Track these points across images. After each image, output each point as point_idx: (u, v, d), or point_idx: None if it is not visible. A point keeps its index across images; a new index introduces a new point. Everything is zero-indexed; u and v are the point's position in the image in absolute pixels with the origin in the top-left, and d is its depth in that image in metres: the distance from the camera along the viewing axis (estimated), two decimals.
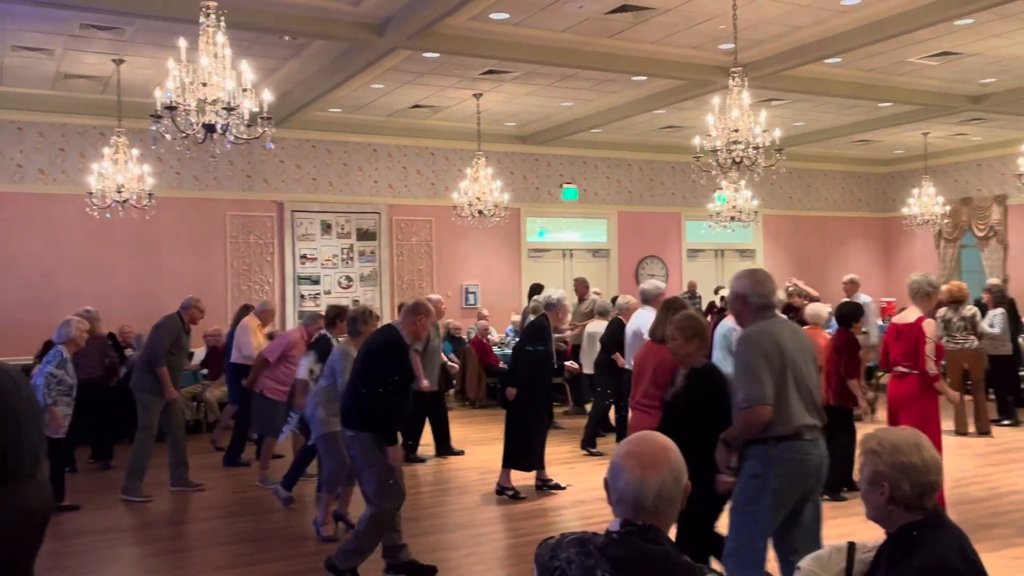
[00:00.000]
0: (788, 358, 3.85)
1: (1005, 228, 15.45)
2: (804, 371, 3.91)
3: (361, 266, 13.22)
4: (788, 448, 3.83)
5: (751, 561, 3.89)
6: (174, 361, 7.42)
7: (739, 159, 7.79)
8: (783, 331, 3.97)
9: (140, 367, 7.46)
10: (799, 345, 3.97)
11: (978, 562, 2.42)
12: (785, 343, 3.88)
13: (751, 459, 3.91)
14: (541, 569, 2.11)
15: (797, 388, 3.85)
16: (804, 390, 3.89)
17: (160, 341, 7.35)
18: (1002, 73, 10.77)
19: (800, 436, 3.85)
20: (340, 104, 11.81)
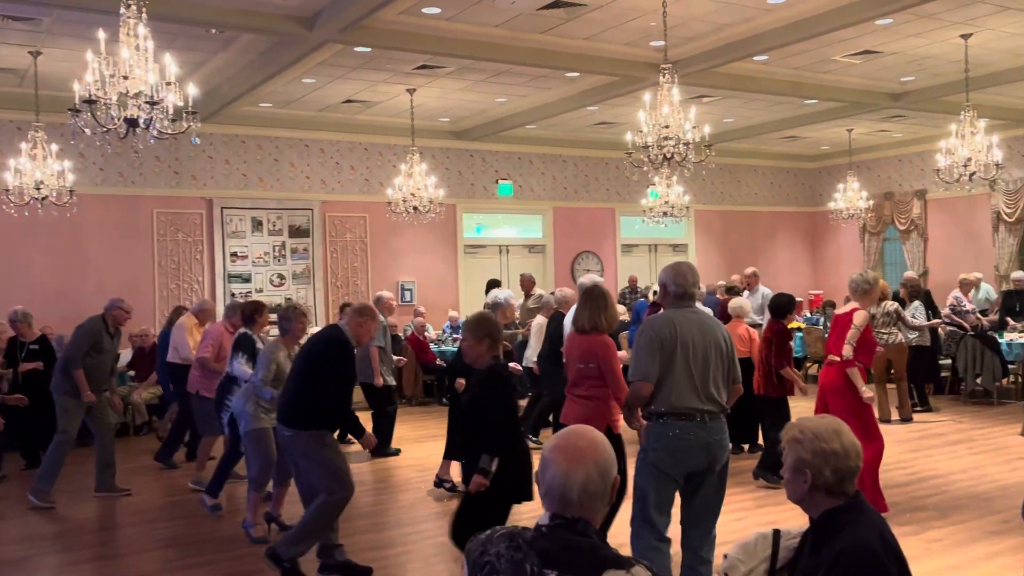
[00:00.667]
0: (682, 345, 4.10)
1: (925, 222, 16.00)
2: (701, 359, 4.13)
3: (294, 264, 13.02)
4: (666, 425, 4.11)
5: (640, 529, 4.20)
6: (95, 364, 7.17)
7: (670, 155, 7.90)
8: (687, 320, 4.19)
9: (58, 370, 7.23)
10: (703, 336, 4.17)
11: (896, 545, 2.50)
12: (684, 331, 4.12)
13: (646, 433, 4.21)
14: (472, 565, 2.11)
15: (687, 373, 4.10)
16: (696, 376, 4.11)
17: (77, 344, 7.12)
18: (920, 72, 11.13)
19: (680, 416, 4.10)
20: (270, 99, 11.61)
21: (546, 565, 1.98)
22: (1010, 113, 13.41)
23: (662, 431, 4.12)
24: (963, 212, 15.36)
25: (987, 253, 14.91)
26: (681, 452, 4.10)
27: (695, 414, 4.10)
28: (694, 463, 4.13)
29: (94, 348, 7.15)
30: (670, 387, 4.09)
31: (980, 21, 9.06)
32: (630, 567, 1.97)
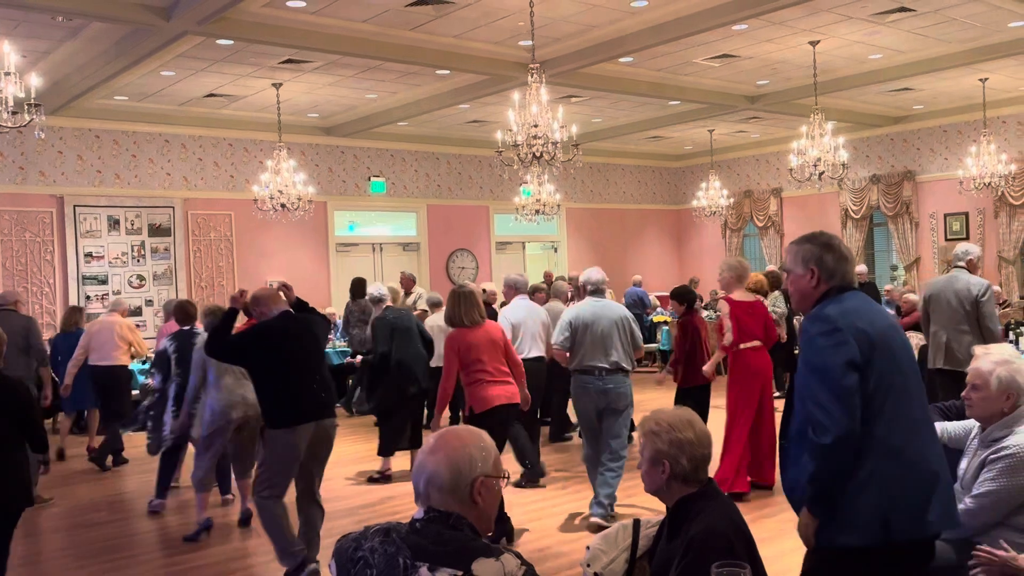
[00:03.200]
0: (585, 322, 6.03)
1: (781, 218, 16.86)
2: (599, 331, 5.99)
3: (154, 264, 12.44)
4: (577, 378, 6.08)
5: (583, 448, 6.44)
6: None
7: (539, 154, 7.99)
8: (594, 306, 6.13)
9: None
10: (606, 315, 6.07)
11: (745, 528, 2.62)
12: (589, 313, 6.06)
13: None
14: (342, 562, 2.09)
15: (592, 342, 5.98)
16: (599, 343, 5.99)
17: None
18: (774, 76, 11.72)
19: (585, 371, 6.01)
20: (126, 92, 11.05)
21: (418, 558, 2.00)
22: (854, 116, 14.30)
23: (575, 382, 6.08)
24: (815, 209, 16.28)
25: None
26: (587, 397, 6.03)
27: (597, 370, 5.97)
28: (599, 404, 6.01)
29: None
30: (577, 351, 6.02)
31: (826, 29, 9.61)
32: (499, 555, 2.01)
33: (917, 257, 14.90)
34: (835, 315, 2.76)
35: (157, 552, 5.89)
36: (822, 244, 2.91)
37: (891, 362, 2.76)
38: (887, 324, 2.84)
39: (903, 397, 2.75)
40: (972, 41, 10.35)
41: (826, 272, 2.88)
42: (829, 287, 2.89)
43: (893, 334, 2.82)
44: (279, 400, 4.93)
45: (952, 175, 13.74)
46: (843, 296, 2.85)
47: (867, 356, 2.70)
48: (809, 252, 2.91)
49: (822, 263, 2.89)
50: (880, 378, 2.71)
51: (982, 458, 3.26)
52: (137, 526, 6.53)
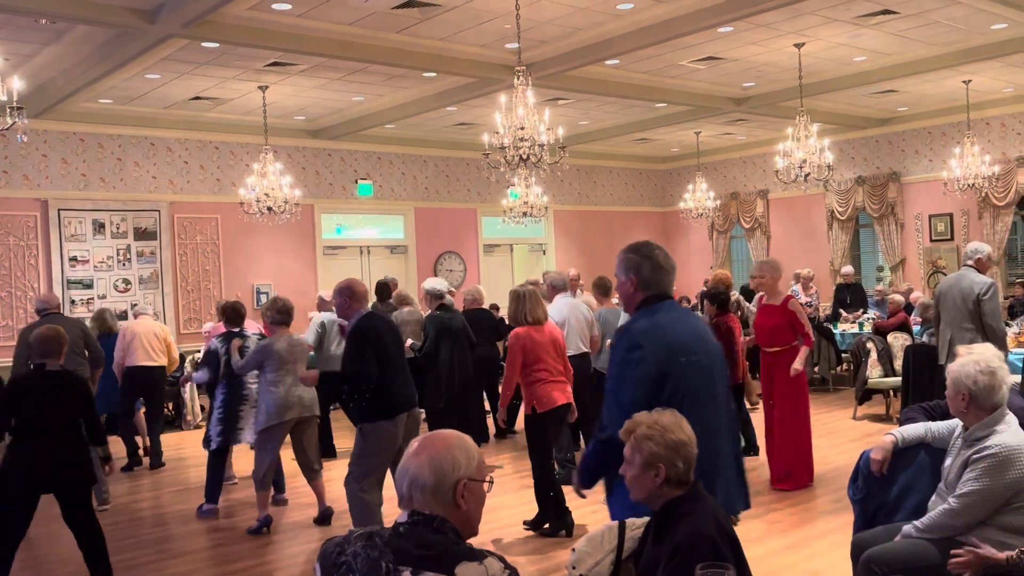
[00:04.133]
0: (571, 316, 7.30)
1: (768, 220, 16.93)
2: (577, 324, 7.25)
3: (140, 268, 12.37)
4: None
5: None
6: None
7: (526, 156, 8.00)
8: (568, 303, 7.47)
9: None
10: (578, 310, 7.34)
11: (730, 530, 2.63)
12: (570, 309, 7.36)
13: None
14: (326, 567, 2.08)
15: (574, 332, 7.26)
16: (578, 333, 7.28)
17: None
18: (759, 78, 11.76)
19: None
20: (111, 95, 10.99)
21: (401, 562, 1.99)
22: (839, 118, 14.37)
23: None
24: (801, 211, 16.35)
25: (823, 249, 15.92)
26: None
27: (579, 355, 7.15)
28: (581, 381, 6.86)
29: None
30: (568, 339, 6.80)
31: (810, 32, 9.66)
32: (482, 559, 2.00)
33: (903, 258, 14.98)
34: (641, 331, 3.04)
35: (205, 555, 5.93)
36: (642, 254, 3.17)
37: (689, 372, 3.02)
38: (692, 337, 3.11)
39: (697, 403, 3.00)
40: (955, 43, 10.43)
41: (643, 281, 3.14)
42: (646, 295, 3.14)
43: (695, 346, 3.09)
44: (382, 393, 5.16)
45: (937, 176, 13.82)
46: (657, 307, 3.12)
47: (665, 369, 2.97)
48: (630, 261, 3.17)
49: (640, 272, 3.14)
50: (676, 387, 2.98)
51: (965, 457, 3.28)
52: (181, 527, 6.60)
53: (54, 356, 4.99)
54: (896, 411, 9.43)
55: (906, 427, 3.77)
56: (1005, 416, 3.26)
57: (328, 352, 8.39)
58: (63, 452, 4.84)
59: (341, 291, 5.37)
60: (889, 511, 3.68)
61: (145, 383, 8.60)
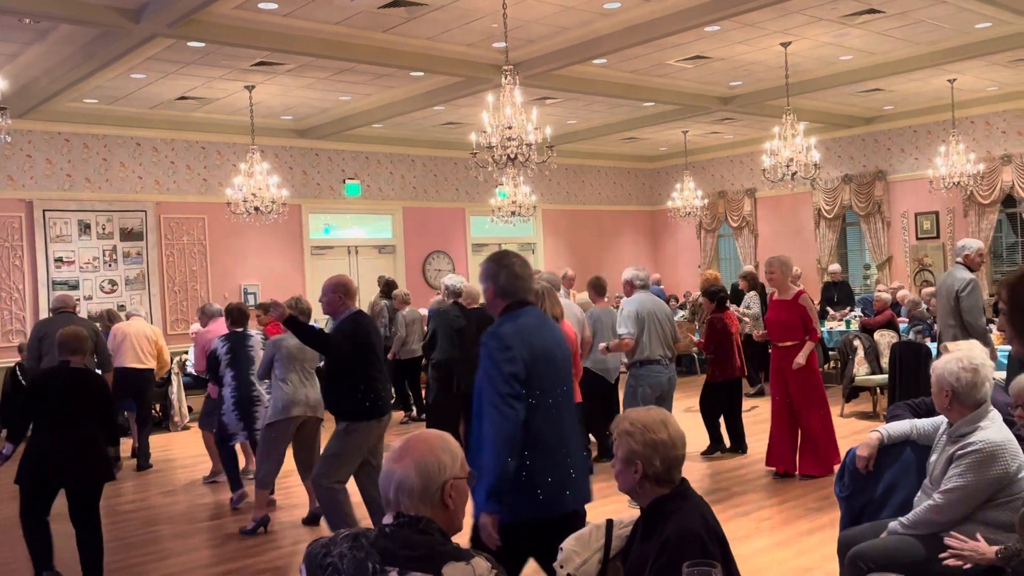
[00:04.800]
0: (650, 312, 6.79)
1: (755, 218, 16.98)
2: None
3: (126, 268, 12.30)
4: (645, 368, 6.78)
5: None
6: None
7: (513, 155, 8.01)
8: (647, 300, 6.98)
9: None
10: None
11: (718, 528, 2.63)
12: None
13: None
14: (312, 568, 2.08)
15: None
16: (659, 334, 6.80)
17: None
18: (746, 77, 11.80)
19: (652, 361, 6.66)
20: (96, 95, 10.92)
21: (387, 563, 1.99)
22: (825, 117, 14.43)
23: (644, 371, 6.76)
24: (788, 209, 16.41)
25: (810, 247, 15.99)
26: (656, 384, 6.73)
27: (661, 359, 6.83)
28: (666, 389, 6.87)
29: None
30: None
31: (797, 31, 9.70)
32: (469, 559, 2.00)
33: (889, 256, 15.06)
34: (508, 334, 3.26)
35: (194, 556, 5.91)
36: (500, 264, 3.41)
37: (548, 372, 3.31)
38: (552, 342, 3.40)
39: (555, 401, 3.31)
40: (940, 42, 10.49)
41: (499, 288, 3.38)
42: (508, 302, 3.37)
43: (555, 350, 3.39)
44: (367, 394, 5.17)
45: (922, 175, 13.90)
46: (520, 312, 3.36)
47: (530, 368, 3.23)
48: (489, 270, 3.41)
49: (497, 280, 3.38)
50: (539, 386, 3.25)
51: (950, 454, 3.30)
52: (170, 528, 6.59)
53: (80, 354, 5.09)
54: (883, 408, 9.47)
55: (892, 424, 3.79)
56: (989, 412, 3.28)
57: None
58: (82, 449, 4.91)
59: (335, 287, 5.31)
60: (875, 508, 3.70)
61: (134, 385, 8.56)
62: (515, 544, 3.22)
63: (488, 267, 3.44)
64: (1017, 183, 13.49)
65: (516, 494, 3.19)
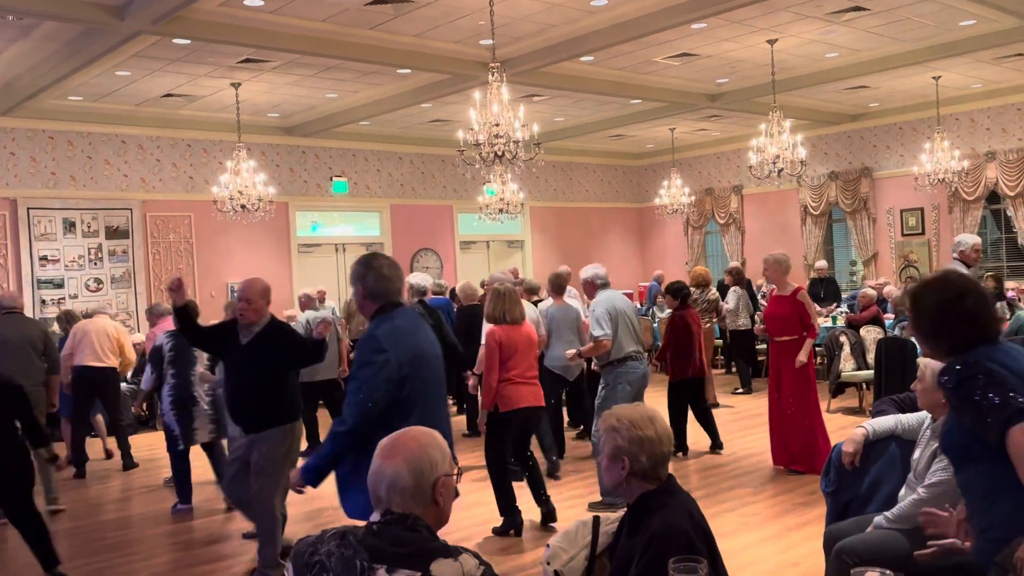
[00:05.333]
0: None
1: (742, 215, 17.04)
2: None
3: (112, 267, 12.23)
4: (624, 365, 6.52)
5: None
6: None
7: (501, 153, 8.00)
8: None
9: None
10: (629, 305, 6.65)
11: (705, 524, 2.64)
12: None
13: None
14: (299, 567, 2.07)
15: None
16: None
17: None
18: (733, 74, 11.83)
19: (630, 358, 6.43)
20: (81, 92, 10.85)
21: (375, 560, 1.98)
22: (811, 114, 14.49)
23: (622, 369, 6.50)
24: (775, 206, 16.47)
25: (797, 244, 16.05)
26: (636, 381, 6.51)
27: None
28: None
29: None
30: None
31: (783, 28, 9.73)
32: (457, 555, 2.00)
33: (875, 252, 15.14)
34: (383, 336, 3.32)
35: (167, 559, 5.82)
36: (367, 267, 3.47)
37: (425, 373, 3.41)
38: (427, 343, 3.50)
39: (429, 401, 3.42)
40: (925, 40, 10.54)
41: (368, 291, 3.44)
42: (380, 304, 3.43)
43: (429, 350, 3.49)
44: (294, 394, 5.09)
45: (908, 171, 13.97)
46: (394, 314, 3.42)
47: (405, 370, 3.30)
48: (356, 273, 3.47)
49: (365, 282, 3.44)
50: (414, 386, 3.34)
51: (934, 448, 3.32)
52: (144, 530, 6.48)
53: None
54: (869, 404, 9.53)
55: (877, 420, 3.82)
56: None
57: None
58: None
59: (265, 292, 5.04)
60: (861, 503, 3.72)
61: (94, 384, 8.25)
62: None
63: (357, 269, 3.48)
64: (1001, 180, 13.59)
65: None
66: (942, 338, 2.48)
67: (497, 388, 5.64)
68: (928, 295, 2.54)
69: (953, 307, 2.46)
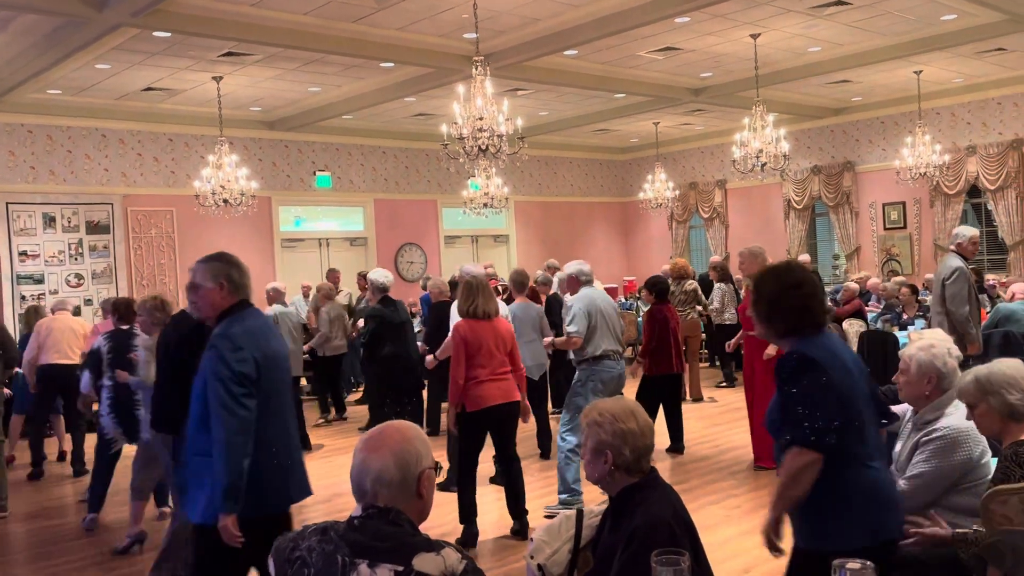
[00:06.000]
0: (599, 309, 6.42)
1: (726, 210, 17.09)
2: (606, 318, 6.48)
3: (93, 262, 12.13)
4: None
5: None
6: None
7: (485, 147, 7.98)
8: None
9: None
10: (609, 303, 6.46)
11: (687, 516, 2.65)
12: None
13: None
14: (280, 563, 2.06)
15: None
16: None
17: None
18: (717, 68, 11.85)
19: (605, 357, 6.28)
20: (60, 85, 10.74)
21: (357, 555, 1.98)
22: (795, 108, 14.54)
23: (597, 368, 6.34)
24: (758, 200, 16.53)
25: (780, 238, 16.12)
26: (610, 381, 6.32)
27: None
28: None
29: None
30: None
31: (766, 22, 9.75)
32: (439, 549, 2.00)
33: (858, 246, 15.23)
34: (238, 334, 3.32)
35: (86, 565, 5.62)
36: (228, 262, 3.47)
37: (277, 372, 3.42)
38: (279, 343, 3.53)
39: (281, 399, 3.44)
40: (906, 34, 10.60)
41: (233, 285, 3.42)
42: (236, 300, 3.42)
43: (281, 352, 3.51)
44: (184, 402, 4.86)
45: (890, 165, 14.05)
46: (246, 314, 3.42)
47: (259, 368, 3.31)
48: (218, 268, 3.43)
49: (230, 278, 3.41)
50: (269, 385, 3.35)
51: (915, 441, 3.34)
52: (71, 535, 6.30)
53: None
54: None
55: None
56: (954, 399, 3.32)
57: None
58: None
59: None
60: None
61: (60, 383, 7.98)
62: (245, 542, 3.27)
63: (215, 266, 3.44)
64: (982, 174, 13.69)
65: (252, 490, 3.25)
66: (777, 321, 2.79)
67: (464, 386, 5.38)
68: (768, 282, 2.83)
69: (790, 294, 2.76)
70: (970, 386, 3.08)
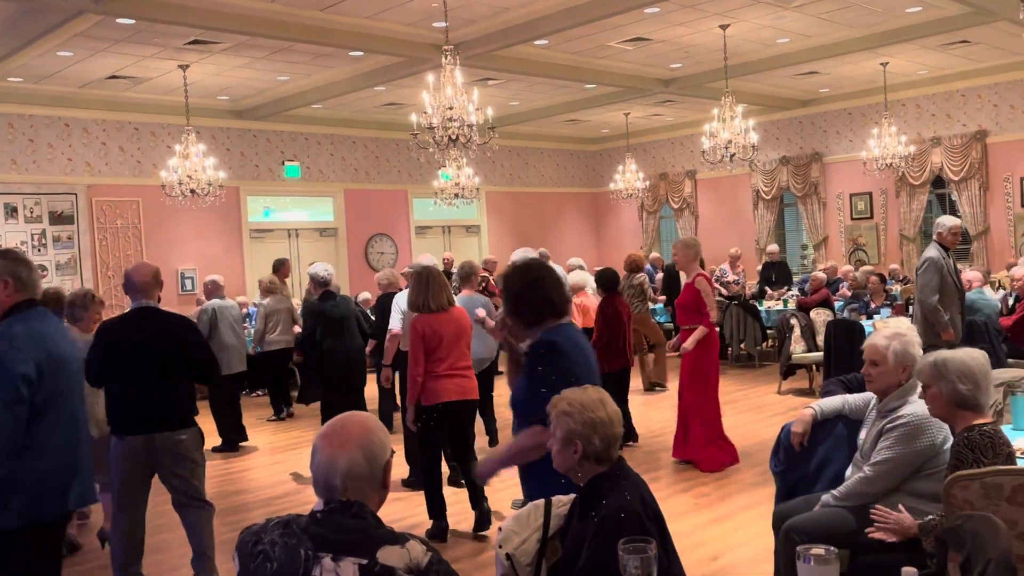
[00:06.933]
0: None
1: (696, 200, 17.19)
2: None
3: (57, 253, 11.93)
4: None
5: None
6: None
7: (455, 136, 7.95)
8: None
9: None
10: None
11: (655, 505, 2.66)
12: None
13: None
14: (243, 556, 2.04)
15: None
16: None
17: None
18: (686, 59, 11.90)
19: None
20: (21, 73, 10.52)
21: (320, 548, 1.97)
22: (763, 99, 14.65)
23: None
24: (728, 191, 16.65)
25: (749, 228, 16.25)
26: None
27: None
28: None
29: None
30: None
31: (735, 13, 9.80)
32: (404, 542, 1.99)
33: (825, 236, 15.39)
34: (21, 335, 3.22)
35: None
36: (15, 259, 3.37)
37: (65, 374, 3.35)
38: (67, 343, 3.45)
39: (69, 401, 3.37)
40: (873, 26, 10.71)
41: (21, 283, 3.32)
42: (23, 298, 3.32)
43: (69, 350, 3.43)
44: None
45: (856, 156, 14.21)
46: (31, 314, 3.31)
47: (41, 370, 3.22)
48: (4, 266, 3.31)
49: (17, 276, 3.32)
50: (54, 387, 3.28)
51: (879, 428, 3.39)
52: None
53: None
54: (819, 385, 9.70)
55: (825, 400, 3.88)
56: (917, 387, 3.36)
57: (221, 340, 8.10)
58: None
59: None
60: (809, 482, 3.78)
61: None
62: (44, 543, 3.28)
63: (2, 264, 3.33)
64: (946, 165, 13.89)
65: (27, 496, 3.19)
66: (524, 313, 3.06)
67: (422, 382, 5.28)
68: (514, 279, 3.12)
69: (533, 288, 3.05)
70: (927, 367, 3.12)
